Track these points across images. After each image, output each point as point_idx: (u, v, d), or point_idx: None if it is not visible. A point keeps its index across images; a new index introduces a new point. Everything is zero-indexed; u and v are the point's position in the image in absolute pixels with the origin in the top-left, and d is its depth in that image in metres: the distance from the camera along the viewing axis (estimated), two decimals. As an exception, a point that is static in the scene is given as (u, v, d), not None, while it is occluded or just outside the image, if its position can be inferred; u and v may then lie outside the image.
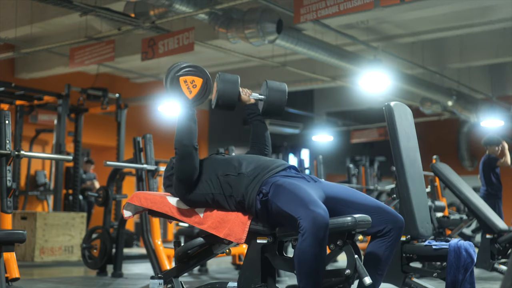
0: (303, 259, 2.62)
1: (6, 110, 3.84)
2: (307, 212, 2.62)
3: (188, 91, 2.96)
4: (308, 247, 2.59)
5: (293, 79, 11.88)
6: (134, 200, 3.20)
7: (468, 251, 3.28)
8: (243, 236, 2.89)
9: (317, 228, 2.59)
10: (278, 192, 2.79)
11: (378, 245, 2.88)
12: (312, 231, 2.59)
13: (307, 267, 2.62)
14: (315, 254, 2.60)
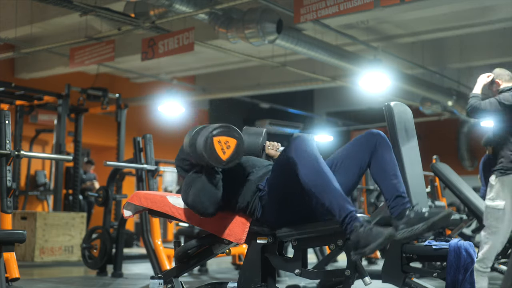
0: (308, 179, 2.65)
1: (6, 110, 3.83)
2: (290, 143, 2.73)
3: (222, 152, 2.80)
4: (301, 166, 2.66)
5: (293, 79, 11.88)
6: (134, 199, 3.20)
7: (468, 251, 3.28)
8: (243, 236, 2.89)
9: (300, 141, 2.70)
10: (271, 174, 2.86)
11: (376, 161, 2.90)
12: (297, 146, 2.69)
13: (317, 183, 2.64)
14: (320, 169, 2.64)
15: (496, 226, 4.40)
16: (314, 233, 2.84)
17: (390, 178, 2.87)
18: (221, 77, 13.39)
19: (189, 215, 3.05)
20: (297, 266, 2.89)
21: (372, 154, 2.90)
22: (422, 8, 8.50)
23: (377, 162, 2.89)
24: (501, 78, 4.71)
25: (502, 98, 4.51)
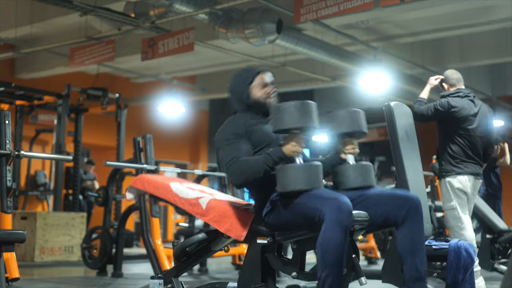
0: (328, 247, 2.63)
1: (6, 110, 3.84)
2: (332, 202, 2.66)
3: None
4: (333, 233, 2.62)
5: (293, 79, 11.88)
6: (138, 183, 3.21)
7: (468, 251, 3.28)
8: (243, 233, 2.89)
9: (343, 215, 2.63)
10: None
11: (404, 233, 2.88)
12: (338, 217, 2.62)
13: (332, 256, 2.63)
14: (341, 242, 2.62)
15: (457, 225, 4.48)
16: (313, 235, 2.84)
17: (413, 254, 2.88)
18: (221, 77, 13.37)
19: (191, 205, 3.05)
20: (295, 269, 2.89)
21: (403, 220, 2.87)
22: (422, 8, 8.49)
23: (404, 233, 2.88)
24: (447, 81, 4.69)
25: (439, 104, 4.53)
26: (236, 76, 3.18)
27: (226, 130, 3.03)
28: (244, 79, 3.11)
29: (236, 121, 3.07)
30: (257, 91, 3.09)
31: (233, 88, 3.16)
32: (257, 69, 3.14)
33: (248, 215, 2.94)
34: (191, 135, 15.00)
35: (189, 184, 3.26)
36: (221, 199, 3.08)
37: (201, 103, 14.95)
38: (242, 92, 3.10)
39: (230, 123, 3.09)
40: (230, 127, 3.05)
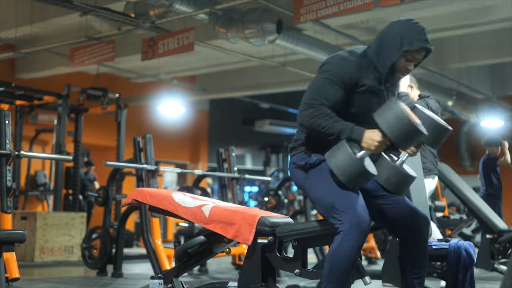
0: (339, 261, 2.62)
1: (6, 110, 3.84)
2: (354, 216, 2.62)
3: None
4: (348, 251, 2.60)
5: (293, 79, 11.88)
6: (138, 196, 3.20)
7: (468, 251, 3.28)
8: (250, 237, 2.89)
9: (359, 233, 2.61)
10: (324, 174, 2.74)
11: (408, 247, 2.87)
12: (355, 235, 2.60)
13: (340, 270, 2.62)
14: (352, 258, 2.61)
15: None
16: (314, 233, 2.84)
17: (414, 275, 2.86)
18: (221, 77, 13.39)
19: (194, 214, 3.05)
20: (297, 266, 2.89)
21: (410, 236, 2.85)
22: (422, 8, 8.49)
23: (408, 252, 2.87)
24: (412, 82, 4.67)
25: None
26: (401, 29, 2.72)
27: (340, 66, 2.71)
28: (404, 42, 2.69)
29: (356, 66, 2.72)
30: (403, 62, 2.74)
31: (391, 38, 2.72)
32: (421, 44, 2.72)
33: (252, 217, 2.93)
34: (191, 135, 15.00)
35: (191, 195, 3.26)
36: (223, 206, 3.08)
37: (201, 103, 14.95)
38: (392, 50, 2.70)
39: (349, 63, 2.72)
40: (345, 67, 2.71)
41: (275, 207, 8.58)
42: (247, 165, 17.46)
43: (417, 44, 2.69)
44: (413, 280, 2.86)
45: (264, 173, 14.49)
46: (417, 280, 2.86)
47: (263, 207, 8.58)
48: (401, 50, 2.69)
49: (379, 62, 2.73)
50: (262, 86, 12.40)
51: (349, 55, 2.76)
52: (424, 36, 2.72)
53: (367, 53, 2.76)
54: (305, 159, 2.83)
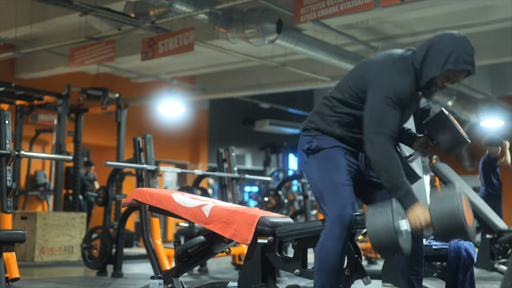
0: (325, 256, 2.65)
1: (6, 110, 3.84)
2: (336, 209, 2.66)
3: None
4: (331, 244, 2.64)
5: (293, 79, 11.88)
6: (138, 196, 3.21)
7: (468, 251, 3.28)
8: (249, 237, 2.89)
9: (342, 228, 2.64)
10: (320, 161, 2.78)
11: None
12: (337, 230, 2.64)
13: (328, 266, 2.65)
14: (337, 252, 2.64)
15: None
16: (313, 233, 2.85)
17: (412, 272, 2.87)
18: (221, 77, 13.39)
19: (194, 214, 3.05)
20: (297, 266, 2.90)
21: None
22: (422, 8, 8.49)
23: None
24: None
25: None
26: (450, 45, 2.64)
27: (400, 87, 2.63)
28: (450, 60, 2.62)
29: (412, 87, 2.66)
30: (442, 79, 2.67)
31: (438, 51, 2.65)
32: (465, 66, 2.64)
33: (252, 217, 2.93)
34: (191, 135, 15.00)
35: (191, 195, 3.26)
36: (223, 206, 3.08)
37: (201, 103, 14.95)
38: (436, 64, 2.63)
39: (408, 83, 2.66)
40: (405, 88, 2.65)
41: (275, 207, 8.58)
42: (247, 165, 17.46)
43: (461, 66, 2.63)
44: (411, 277, 2.87)
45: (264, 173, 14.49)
46: (415, 277, 2.88)
47: (263, 207, 8.58)
48: (444, 68, 2.63)
49: (421, 73, 2.68)
50: (262, 86, 12.40)
51: (405, 72, 2.67)
52: (471, 58, 2.65)
53: (413, 61, 2.70)
54: (308, 143, 2.84)
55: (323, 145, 2.79)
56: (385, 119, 2.62)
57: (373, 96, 2.65)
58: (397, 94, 2.62)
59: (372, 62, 2.76)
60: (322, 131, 2.81)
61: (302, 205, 9.45)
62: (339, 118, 2.78)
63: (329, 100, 2.83)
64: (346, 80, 2.82)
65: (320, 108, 2.86)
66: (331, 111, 2.80)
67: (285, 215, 4.12)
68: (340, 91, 2.80)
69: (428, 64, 2.65)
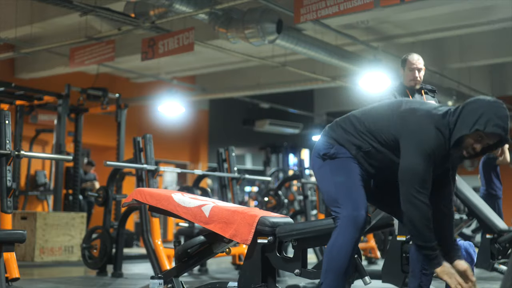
0: (336, 256, 2.68)
1: (6, 110, 3.83)
2: (350, 210, 2.69)
3: None
4: (343, 245, 2.67)
5: (293, 79, 11.88)
6: (138, 196, 3.21)
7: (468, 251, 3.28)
8: (249, 237, 2.89)
9: (355, 229, 2.67)
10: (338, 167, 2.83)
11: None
12: (350, 230, 2.67)
13: (337, 264, 2.68)
14: (348, 253, 2.66)
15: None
16: (313, 233, 2.85)
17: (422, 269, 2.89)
18: (221, 77, 13.39)
19: (194, 214, 3.05)
20: (297, 266, 2.90)
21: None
22: (422, 8, 8.49)
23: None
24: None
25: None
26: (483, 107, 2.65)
27: (436, 148, 2.67)
28: (479, 121, 2.64)
29: (444, 149, 2.70)
30: (471, 140, 2.66)
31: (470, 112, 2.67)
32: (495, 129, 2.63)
33: (252, 217, 2.93)
34: (191, 135, 15.00)
35: (191, 195, 3.26)
36: (223, 206, 3.08)
37: (201, 103, 14.95)
38: (465, 123, 2.65)
39: (442, 148, 2.70)
40: (439, 149, 2.69)
41: (275, 207, 8.58)
42: (247, 165, 17.46)
43: (491, 128, 2.60)
44: (422, 275, 2.90)
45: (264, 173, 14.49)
46: (425, 276, 2.91)
47: (263, 207, 8.58)
48: (473, 128, 2.62)
49: (452, 133, 2.70)
50: (262, 86, 12.41)
51: (442, 135, 2.69)
52: (502, 123, 2.62)
53: (449, 123, 2.71)
54: (325, 149, 2.88)
55: (340, 154, 2.84)
56: (425, 179, 2.66)
57: (410, 153, 2.68)
58: (432, 150, 2.66)
59: (411, 116, 2.76)
60: (340, 145, 2.87)
61: (302, 205, 9.45)
62: (361, 143, 2.82)
63: (358, 123, 2.87)
64: (381, 116, 2.84)
65: (346, 125, 2.91)
66: (356, 132, 2.85)
67: (285, 215, 4.12)
68: (373, 122, 2.83)
69: (458, 125, 2.67)
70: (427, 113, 2.74)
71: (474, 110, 2.65)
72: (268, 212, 3.12)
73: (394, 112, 2.82)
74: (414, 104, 2.84)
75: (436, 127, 2.68)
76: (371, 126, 2.82)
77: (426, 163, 2.65)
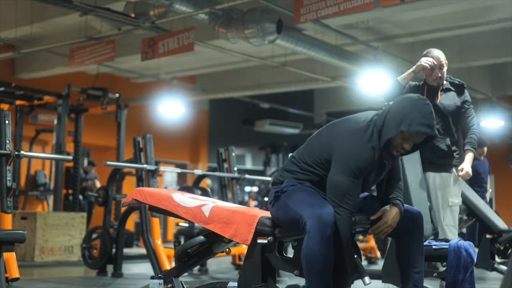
0: (311, 259, 2.64)
1: (6, 110, 3.84)
2: (312, 211, 2.66)
3: None
4: (315, 246, 2.62)
5: (293, 79, 11.87)
6: (138, 196, 3.21)
7: (468, 251, 3.28)
8: (249, 237, 2.89)
9: (323, 226, 2.62)
10: (291, 193, 2.84)
11: (404, 243, 2.90)
12: (318, 228, 2.62)
13: (316, 267, 2.64)
14: (323, 253, 2.62)
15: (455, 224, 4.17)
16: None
17: (412, 268, 2.89)
18: (221, 77, 13.39)
19: (194, 214, 3.05)
20: (297, 266, 2.90)
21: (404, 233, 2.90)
22: (422, 8, 8.49)
23: (405, 248, 2.90)
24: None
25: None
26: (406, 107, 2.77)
27: (360, 158, 2.72)
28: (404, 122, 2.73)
29: (372, 156, 2.75)
30: (398, 140, 2.76)
31: (394, 114, 2.76)
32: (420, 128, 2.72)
33: (252, 217, 2.93)
34: (191, 135, 15.00)
35: (191, 195, 3.26)
36: (223, 205, 3.08)
37: (201, 103, 14.95)
38: (391, 126, 2.74)
39: (368, 154, 2.74)
40: (365, 160, 2.73)
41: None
42: (247, 165, 17.46)
43: (415, 127, 2.69)
44: (413, 274, 2.88)
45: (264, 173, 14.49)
46: (417, 274, 2.88)
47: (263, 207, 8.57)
48: (399, 130, 2.70)
49: (379, 137, 2.75)
50: (262, 86, 12.41)
51: (368, 142, 2.74)
52: (427, 120, 2.70)
53: (374, 125, 2.78)
54: (277, 189, 2.93)
55: (291, 186, 2.88)
56: (345, 194, 2.71)
57: (336, 170, 2.75)
58: (358, 168, 2.71)
59: (338, 132, 2.84)
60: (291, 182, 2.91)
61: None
62: (308, 176, 2.88)
63: (298, 161, 2.93)
64: (312, 144, 2.92)
65: (290, 167, 2.96)
66: (300, 169, 2.91)
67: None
68: (307, 154, 2.90)
69: (385, 127, 2.74)
70: (353, 129, 2.78)
71: (398, 111, 2.73)
72: (268, 212, 3.12)
73: (321, 135, 2.90)
74: (339, 122, 2.91)
75: (363, 141, 2.73)
76: (309, 161, 2.88)
77: (350, 181, 2.70)
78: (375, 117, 2.81)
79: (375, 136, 2.75)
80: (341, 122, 2.90)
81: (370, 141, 2.74)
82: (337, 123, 2.91)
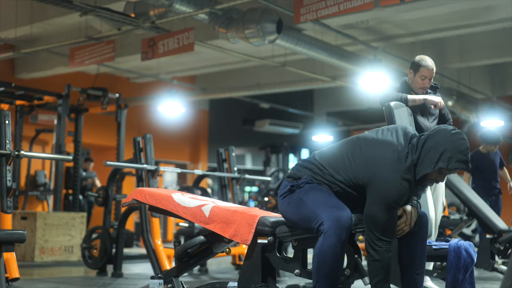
0: (324, 259, 2.64)
1: (6, 110, 3.84)
2: (331, 212, 2.66)
3: None
4: (330, 247, 2.63)
5: (293, 79, 11.87)
6: (138, 196, 3.20)
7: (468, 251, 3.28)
8: (249, 237, 2.89)
9: (340, 229, 2.63)
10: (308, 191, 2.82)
11: (408, 244, 2.90)
12: (335, 231, 2.62)
13: (326, 268, 2.65)
14: (336, 255, 2.63)
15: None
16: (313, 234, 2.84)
17: (414, 270, 2.89)
18: (221, 77, 13.39)
19: (194, 214, 3.05)
20: (297, 266, 2.90)
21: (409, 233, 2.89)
22: (422, 8, 8.48)
23: (408, 248, 2.90)
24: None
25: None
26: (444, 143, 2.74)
27: (401, 193, 2.73)
28: (442, 159, 2.74)
29: (409, 190, 2.77)
30: (435, 174, 2.79)
31: (432, 150, 2.74)
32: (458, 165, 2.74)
33: (252, 217, 2.93)
34: (191, 135, 15.00)
35: (191, 195, 3.26)
36: (223, 206, 3.08)
37: (201, 103, 14.95)
38: (428, 162, 2.73)
39: (406, 190, 2.76)
40: (404, 195, 2.75)
41: (275, 207, 8.57)
42: (247, 165, 17.46)
43: (454, 165, 2.71)
44: (414, 276, 2.88)
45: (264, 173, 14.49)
46: (418, 276, 2.88)
47: (263, 207, 8.58)
48: (437, 166, 2.72)
49: (416, 171, 2.75)
50: (262, 86, 12.41)
51: (405, 175, 2.72)
52: (465, 157, 2.72)
53: (411, 159, 2.75)
54: (293, 182, 2.90)
55: (308, 183, 2.85)
56: (386, 228, 2.71)
57: (374, 203, 2.72)
58: (396, 201, 2.72)
59: (375, 159, 2.77)
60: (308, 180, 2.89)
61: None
62: (329, 184, 2.85)
63: (320, 167, 2.89)
64: (343, 159, 2.85)
65: (310, 166, 2.92)
66: (322, 176, 2.87)
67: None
68: (334, 169, 2.86)
69: (422, 163, 2.74)
70: (391, 160, 2.74)
71: (435, 147, 2.71)
72: (268, 212, 3.12)
73: (356, 153, 2.84)
74: (374, 142, 2.83)
75: (401, 175, 2.71)
76: (337, 175, 2.84)
77: (389, 214, 2.70)
78: (410, 145, 2.79)
79: (412, 169, 2.75)
80: (376, 145, 2.82)
81: (407, 174, 2.73)
82: (371, 144, 2.84)
